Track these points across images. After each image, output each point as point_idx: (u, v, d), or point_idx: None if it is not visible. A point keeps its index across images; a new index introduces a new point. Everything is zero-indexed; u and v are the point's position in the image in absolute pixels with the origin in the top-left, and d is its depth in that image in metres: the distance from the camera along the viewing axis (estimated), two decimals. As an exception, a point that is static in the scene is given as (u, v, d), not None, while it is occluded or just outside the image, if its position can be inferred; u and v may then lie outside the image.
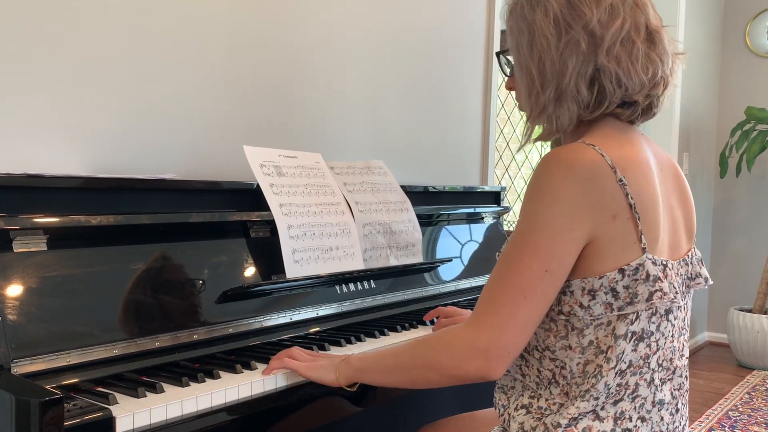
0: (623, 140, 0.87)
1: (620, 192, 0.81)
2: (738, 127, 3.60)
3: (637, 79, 0.84)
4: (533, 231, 0.81)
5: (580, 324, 0.84)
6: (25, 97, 1.17)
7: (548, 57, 0.85)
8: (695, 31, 3.64)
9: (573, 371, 0.85)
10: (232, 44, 1.50)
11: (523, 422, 0.88)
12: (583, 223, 0.80)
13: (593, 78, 0.84)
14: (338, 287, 1.30)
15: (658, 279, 0.82)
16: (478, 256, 1.72)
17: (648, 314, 0.84)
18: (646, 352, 0.85)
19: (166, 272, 1.06)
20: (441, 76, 2.13)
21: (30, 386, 0.76)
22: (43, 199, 0.96)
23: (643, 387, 0.85)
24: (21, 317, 0.88)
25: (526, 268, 0.80)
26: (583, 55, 0.83)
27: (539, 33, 0.85)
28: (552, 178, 0.81)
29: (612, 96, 0.85)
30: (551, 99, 0.86)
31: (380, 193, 1.45)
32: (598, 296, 0.81)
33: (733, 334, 3.57)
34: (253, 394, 0.93)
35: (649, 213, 0.83)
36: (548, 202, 0.80)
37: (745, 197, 3.96)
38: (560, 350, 0.85)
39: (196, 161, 1.43)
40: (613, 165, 0.81)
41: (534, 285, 0.79)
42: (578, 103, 0.85)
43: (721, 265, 4.05)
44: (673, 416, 0.89)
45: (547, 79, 0.85)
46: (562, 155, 0.82)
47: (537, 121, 0.90)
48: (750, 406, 2.89)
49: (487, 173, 2.32)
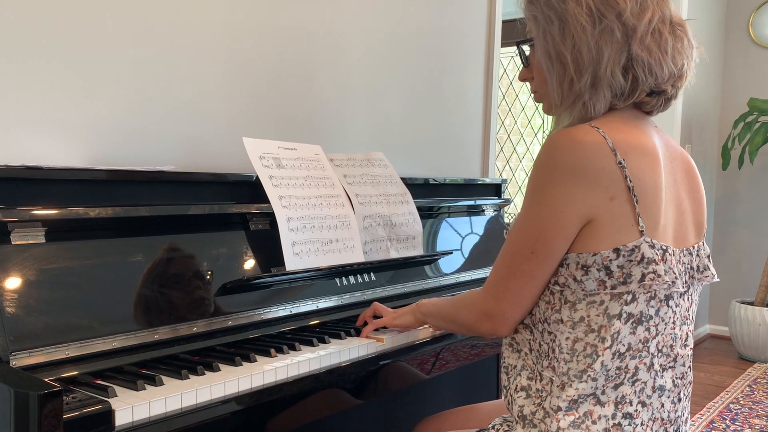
0: (632, 126, 0.89)
1: (619, 174, 0.82)
2: (741, 119, 3.58)
3: (667, 69, 0.87)
4: (526, 214, 0.86)
5: (573, 297, 0.86)
6: (23, 88, 1.16)
7: (584, 44, 0.86)
8: (698, 21, 3.61)
9: (561, 345, 0.86)
10: (232, 35, 1.49)
11: (523, 405, 0.89)
12: (576, 204, 0.82)
13: (626, 67, 0.86)
14: (338, 280, 1.29)
15: (653, 262, 0.83)
16: (479, 249, 1.71)
17: (646, 297, 0.85)
18: (645, 336, 0.86)
19: (165, 264, 1.05)
20: (442, 68, 2.11)
21: (29, 379, 0.76)
22: (41, 191, 0.96)
23: (643, 371, 0.86)
24: (19, 310, 0.87)
25: (516, 249, 0.87)
26: (618, 44, 0.85)
27: (573, 21, 0.86)
28: (550, 160, 0.84)
29: (644, 84, 0.87)
30: (587, 86, 0.87)
31: (380, 186, 1.44)
32: (591, 272, 0.83)
33: (734, 327, 3.56)
34: (254, 387, 0.92)
35: (649, 197, 0.84)
36: (542, 185, 0.84)
37: (748, 190, 3.95)
38: (554, 323, 0.88)
39: (195, 153, 1.42)
40: (614, 147, 0.83)
41: (521, 264, 0.86)
42: (613, 90, 0.87)
43: (723, 257, 4.04)
44: (675, 405, 0.89)
45: (584, 66, 0.87)
46: (565, 136, 0.84)
47: (571, 109, 0.90)
48: (751, 399, 2.89)
49: (488, 165, 2.31)
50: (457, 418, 1.15)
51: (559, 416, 0.84)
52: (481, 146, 2.30)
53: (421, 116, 2.05)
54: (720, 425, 2.55)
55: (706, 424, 2.56)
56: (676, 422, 0.90)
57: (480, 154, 2.30)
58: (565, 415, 0.84)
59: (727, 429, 2.52)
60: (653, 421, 0.87)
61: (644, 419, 0.86)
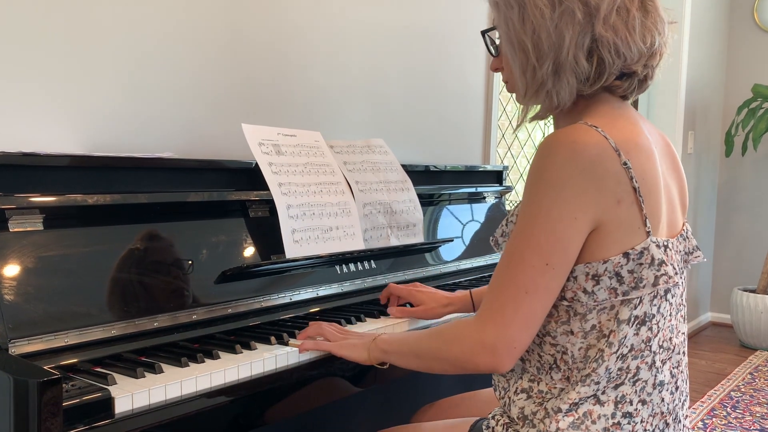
0: (622, 119, 0.84)
1: (625, 175, 0.79)
2: (744, 105, 3.55)
3: (635, 49, 0.82)
4: (534, 224, 0.79)
5: (582, 309, 0.82)
6: (19, 74, 1.15)
7: (543, 29, 0.82)
8: (702, 5, 3.57)
9: (575, 356, 0.84)
10: (230, 20, 1.47)
11: (524, 407, 0.87)
12: (586, 210, 0.77)
13: (591, 49, 0.82)
14: (338, 267, 1.29)
15: (663, 262, 0.80)
16: (480, 236, 1.70)
17: (650, 297, 0.83)
18: (648, 335, 0.84)
19: (164, 252, 1.05)
20: (442, 54, 2.09)
21: (28, 367, 0.76)
22: (38, 177, 0.95)
23: (644, 370, 0.84)
24: (18, 297, 0.87)
25: (527, 263, 0.79)
26: (580, 25, 0.81)
27: (531, 5, 0.82)
28: (554, 165, 0.78)
29: (611, 67, 0.82)
30: (550, 73, 0.83)
31: (381, 173, 1.44)
32: (603, 281, 0.80)
33: (736, 315, 3.56)
34: (254, 375, 0.92)
35: (652, 196, 0.81)
36: (549, 192, 0.78)
37: (751, 176, 3.93)
38: (561, 335, 0.84)
39: (194, 139, 1.41)
40: (617, 147, 0.79)
41: (536, 280, 0.79)
42: (577, 76, 0.83)
43: (725, 245, 4.03)
44: (673, 395, 0.88)
45: (544, 53, 0.82)
46: (565, 138, 0.79)
47: (534, 98, 0.87)
48: (752, 387, 2.90)
49: (489, 152, 2.29)
50: (455, 406, 1.14)
51: (558, 417, 0.83)
52: (482, 133, 2.28)
53: (422, 102, 2.03)
54: (721, 413, 2.56)
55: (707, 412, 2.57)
56: (674, 411, 0.89)
57: (481, 140, 2.28)
58: (565, 416, 0.82)
59: (728, 416, 2.52)
60: (653, 416, 0.86)
61: (644, 416, 0.85)
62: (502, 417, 0.91)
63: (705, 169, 3.87)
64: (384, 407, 1.47)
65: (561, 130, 0.81)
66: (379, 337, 0.96)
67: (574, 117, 0.86)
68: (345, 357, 0.97)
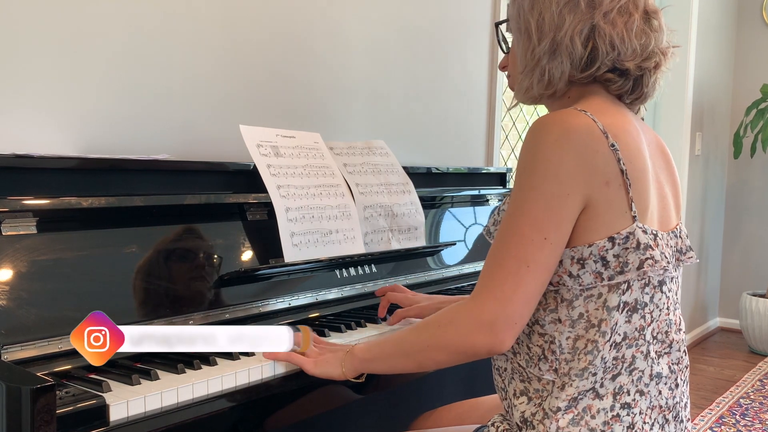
0: (613, 109, 0.88)
1: (612, 157, 0.81)
2: (753, 106, 3.52)
3: (630, 46, 0.86)
4: (529, 200, 0.81)
5: (569, 295, 0.83)
6: (13, 74, 1.14)
7: (548, 12, 0.88)
8: (709, 5, 3.54)
9: (562, 346, 0.84)
10: (228, 19, 1.46)
11: (525, 411, 0.87)
12: (578, 187, 0.80)
13: (588, 37, 0.87)
14: (338, 271, 1.27)
15: (649, 247, 0.82)
16: (483, 240, 1.68)
17: (641, 284, 0.84)
18: (641, 324, 0.85)
19: (160, 256, 1.04)
20: (445, 53, 2.08)
21: (21, 373, 0.75)
22: (32, 180, 0.94)
23: (640, 359, 0.85)
24: (10, 302, 0.86)
25: (526, 237, 0.80)
26: (581, 13, 0.87)
27: None
28: (544, 144, 0.81)
29: (604, 57, 0.86)
30: (546, 51, 0.88)
31: (382, 175, 1.42)
32: (588, 265, 0.81)
33: (745, 320, 3.52)
34: (251, 381, 0.91)
35: (639, 181, 0.83)
36: (542, 170, 0.80)
37: (760, 178, 3.88)
38: (549, 324, 0.85)
39: (191, 141, 1.40)
40: (605, 130, 0.82)
41: (535, 254, 0.79)
42: (571, 58, 0.87)
43: (734, 248, 3.98)
44: (673, 391, 0.89)
45: (545, 32, 0.88)
46: (555, 119, 0.82)
47: (530, 74, 0.90)
48: (762, 394, 2.85)
49: (492, 154, 2.27)
50: (456, 413, 1.13)
51: (558, 416, 0.83)
52: (485, 134, 2.26)
53: (424, 103, 2.01)
54: (730, 420, 2.52)
55: (715, 419, 2.53)
56: (675, 408, 0.89)
57: (484, 142, 2.26)
58: (564, 413, 0.83)
59: (737, 424, 2.48)
60: (651, 409, 0.86)
61: (642, 408, 0.85)
62: (501, 423, 0.91)
63: (713, 171, 3.83)
64: (385, 414, 1.45)
65: (551, 114, 0.85)
66: (354, 348, 0.92)
67: (566, 105, 0.89)
68: (319, 375, 0.92)
